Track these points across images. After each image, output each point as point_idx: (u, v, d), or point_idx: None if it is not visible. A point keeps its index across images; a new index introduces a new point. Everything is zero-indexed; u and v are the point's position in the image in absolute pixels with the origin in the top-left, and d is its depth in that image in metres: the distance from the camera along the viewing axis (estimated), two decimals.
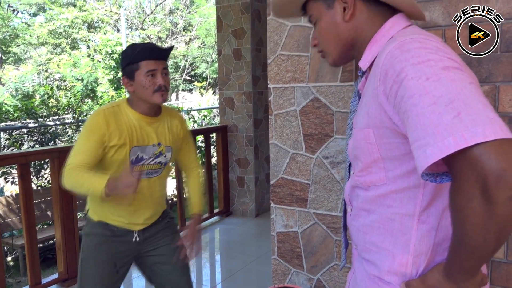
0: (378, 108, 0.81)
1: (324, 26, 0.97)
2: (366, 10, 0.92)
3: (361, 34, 0.93)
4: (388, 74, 0.76)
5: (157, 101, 1.62)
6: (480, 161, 0.63)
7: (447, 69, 0.71)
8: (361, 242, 0.95)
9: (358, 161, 0.92)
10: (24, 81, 10.03)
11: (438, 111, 0.67)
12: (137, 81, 1.59)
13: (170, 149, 1.74)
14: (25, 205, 2.62)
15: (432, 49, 0.74)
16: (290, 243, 1.91)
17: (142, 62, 1.58)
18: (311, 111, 1.76)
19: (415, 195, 0.84)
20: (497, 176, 0.62)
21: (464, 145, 0.63)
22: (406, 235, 0.85)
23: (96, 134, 1.56)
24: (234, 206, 4.58)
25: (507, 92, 1.44)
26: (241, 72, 4.32)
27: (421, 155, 0.68)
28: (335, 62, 1.02)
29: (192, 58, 16.78)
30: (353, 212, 1.00)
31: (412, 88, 0.71)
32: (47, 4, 15.10)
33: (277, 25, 1.78)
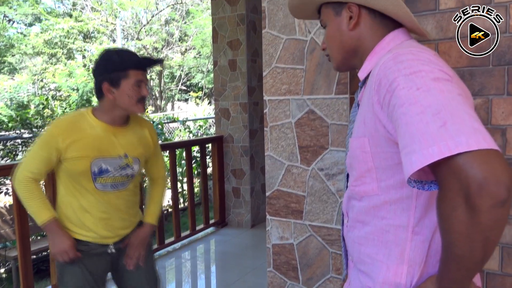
0: (373, 116, 0.83)
1: (330, 32, 1.01)
2: (371, 21, 0.95)
3: (363, 44, 0.96)
4: (382, 83, 0.79)
5: (139, 111, 1.61)
6: (463, 170, 0.64)
7: (437, 80, 0.73)
8: (356, 253, 0.96)
9: (353, 170, 0.94)
10: (19, 91, 9.99)
11: (425, 120, 0.69)
12: (123, 89, 1.54)
13: (138, 161, 1.68)
14: (18, 216, 2.60)
15: (424, 61, 0.76)
16: (286, 255, 1.90)
17: (131, 71, 1.54)
18: (306, 123, 1.77)
19: (408, 206, 0.85)
20: (479, 184, 0.63)
21: (448, 154, 0.65)
22: (400, 246, 0.86)
23: (50, 146, 1.55)
24: (229, 216, 4.56)
25: (499, 105, 1.46)
26: (236, 83, 4.34)
27: (407, 161, 0.70)
28: (338, 67, 1.06)
29: (188, 68, 16.83)
30: (349, 224, 1.01)
31: (402, 97, 0.73)
32: (43, 15, 15.12)
33: (272, 38, 1.80)
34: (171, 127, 8.65)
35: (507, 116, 1.45)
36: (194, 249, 3.98)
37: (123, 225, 1.70)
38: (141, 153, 1.70)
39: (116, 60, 1.54)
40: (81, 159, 1.55)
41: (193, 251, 3.94)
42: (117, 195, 1.65)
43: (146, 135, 1.73)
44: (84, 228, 1.63)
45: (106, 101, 1.59)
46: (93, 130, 1.58)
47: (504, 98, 1.45)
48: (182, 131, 7.70)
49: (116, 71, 1.54)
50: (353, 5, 0.95)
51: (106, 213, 1.63)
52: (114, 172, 1.62)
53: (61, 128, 1.55)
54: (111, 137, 1.61)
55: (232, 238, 4.18)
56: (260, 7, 4.41)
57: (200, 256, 3.86)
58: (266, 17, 1.80)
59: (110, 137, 1.61)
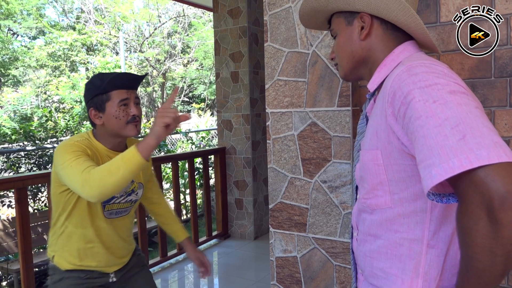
0: (387, 129, 0.82)
1: (341, 41, 1.01)
2: (382, 33, 0.95)
3: (373, 55, 0.96)
4: (396, 95, 0.78)
5: (130, 134, 1.50)
6: (485, 183, 0.64)
7: (454, 93, 0.72)
8: (368, 267, 0.95)
9: (364, 183, 0.93)
10: (23, 104, 10.07)
11: (444, 133, 0.68)
12: (108, 113, 1.46)
13: (142, 186, 1.66)
14: (21, 229, 2.60)
15: (439, 74, 0.76)
16: (290, 268, 1.89)
17: (113, 92, 1.46)
18: (309, 135, 1.77)
19: (422, 219, 0.84)
20: (502, 198, 0.62)
21: (469, 167, 0.64)
22: (415, 260, 0.85)
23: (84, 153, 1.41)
24: (232, 228, 4.54)
25: (502, 117, 1.46)
26: (239, 95, 4.35)
27: (427, 175, 0.69)
28: (345, 76, 1.05)
29: (190, 80, 16.93)
30: (359, 237, 1.00)
31: (419, 110, 0.72)
32: (46, 28, 15.29)
33: (274, 51, 1.81)
34: (174, 138, 8.67)
35: (510, 128, 1.45)
36: None
37: (123, 253, 1.68)
38: (143, 177, 1.68)
39: (97, 84, 1.47)
40: None
41: None
42: (120, 221, 1.62)
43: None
44: (87, 258, 1.57)
45: (99, 128, 1.52)
46: (101, 154, 1.51)
47: (507, 109, 1.45)
48: (184, 143, 7.72)
49: (98, 95, 1.47)
50: (365, 15, 0.95)
51: (110, 241, 1.59)
52: (120, 199, 1.58)
53: (82, 146, 1.44)
54: None
55: (235, 250, 4.16)
56: (262, 20, 4.45)
57: None
58: (268, 30, 1.81)
59: None
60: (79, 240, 1.54)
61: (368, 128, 0.93)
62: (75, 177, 1.31)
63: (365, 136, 0.94)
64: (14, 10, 14.72)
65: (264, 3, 1.81)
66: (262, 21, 4.47)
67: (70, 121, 7.19)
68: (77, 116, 7.42)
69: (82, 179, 1.29)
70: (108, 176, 1.27)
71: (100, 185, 1.27)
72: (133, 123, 1.49)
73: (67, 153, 1.39)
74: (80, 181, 1.30)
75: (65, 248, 1.55)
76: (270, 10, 1.79)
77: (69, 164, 1.35)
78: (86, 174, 1.29)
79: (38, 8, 15.74)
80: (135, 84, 1.52)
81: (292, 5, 1.73)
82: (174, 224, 1.87)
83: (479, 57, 1.47)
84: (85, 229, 1.54)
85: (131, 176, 1.29)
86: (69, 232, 1.54)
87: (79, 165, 1.33)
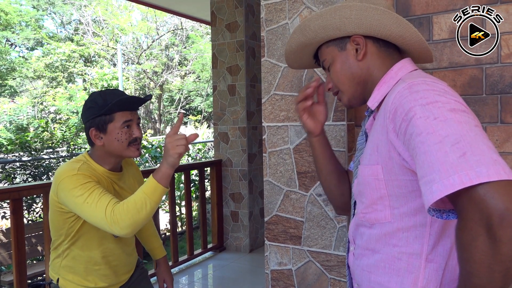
0: (388, 144, 0.84)
1: (338, 67, 1.01)
2: (377, 51, 0.97)
3: (372, 74, 0.97)
4: (398, 112, 0.80)
5: (132, 155, 1.47)
6: (484, 200, 0.65)
7: (454, 111, 0.74)
8: (366, 281, 0.95)
9: (363, 198, 0.94)
10: (19, 114, 10.06)
11: (444, 149, 0.70)
12: (110, 134, 1.43)
13: None
14: (16, 241, 2.59)
15: (440, 91, 0.78)
16: (284, 281, 1.90)
17: (117, 114, 1.42)
18: (304, 149, 1.80)
19: (421, 234, 0.85)
20: (501, 215, 0.63)
21: (469, 184, 0.66)
22: (413, 274, 0.85)
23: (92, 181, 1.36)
24: (228, 241, 4.53)
25: (493, 133, 1.49)
26: (235, 108, 4.39)
27: (427, 190, 0.70)
28: (350, 102, 1.04)
29: (187, 92, 17.00)
30: (356, 251, 1.00)
31: (420, 126, 0.74)
32: (44, 39, 15.36)
33: (271, 66, 1.84)
34: None
35: (501, 144, 1.48)
36: (191, 274, 3.94)
37: (129, 268, 1.68)
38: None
39: (100, 104, 1.42)
40: None
41: (190, 276, 3.90)
42: (124, 240, 1.61)
43: (135, 172, 1.70)
44: (94, 279, 1.54)
45: (98, 148, 1.47)
46: (103, 177, 1.47)
47: (498, 126, 1.48)
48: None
49: (101, 115, 1.42)
50: (358, 36, 0.96)
51: (117, 260, 1.58)
52: None
53: (85, 173, 1.38)
54: (118, 182, 1.53)
55: (230, 263, 4.15)
56: (259, 34, 4.51)
57: (197, 281, 3.81)
58: (265, 46, 1.84)
59: (118, 183, 1.53)
60: (85, 262, 1.51)
61: (368, 144, 0.94)
62: (98, 217, 1.29)
63: (364, 152, 0.95)
64: (13, 20, 14.80)
65: (262, 19, 1.85)
66: (259, 35, 4.53)
67: (67, 132, 7.19)
68: (74, 127, 7.42)
69: (110, 221, 1.28)
70: (137, 214, 1.27)
71: (131, 223, 1.28)
72: (135, 145, 1.47)
73: (75, 188, 1.33)
74: (107, 222, 1.28)
75: (70, 271, 1.52)
76: (267, 26, 1.83)
77: (85, 201, 1.31)
78: (113, 216, 1.27)
79: (37, 19, 15.85)
80: (139, 105, 1.50)
81: (288, 22, 1.77)
82: (154, 241, 1.87)
83: (471, 75, 1.50)
84: (92, 252, 1.50)
85: (157, 206, 1.31)
86: (75, 255, 1.50)
87: (98, 202, 1.30)
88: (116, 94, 1.45)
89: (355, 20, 0.93)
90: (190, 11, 5.46)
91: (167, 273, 1.85)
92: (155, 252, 1.87)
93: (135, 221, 1.28)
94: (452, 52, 1.53)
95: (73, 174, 1.36)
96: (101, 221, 1.30)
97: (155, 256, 1.87)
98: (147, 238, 1.87)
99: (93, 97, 1.45)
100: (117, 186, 1.53)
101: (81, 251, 1.50)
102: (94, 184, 1.35)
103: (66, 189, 1.35)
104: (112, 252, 1.55)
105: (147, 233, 1.87)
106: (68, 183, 1.35)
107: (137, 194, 1.29)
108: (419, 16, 1.58)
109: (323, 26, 0.97)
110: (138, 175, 1.71)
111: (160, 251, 1.87)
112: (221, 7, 4.39)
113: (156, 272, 1.88)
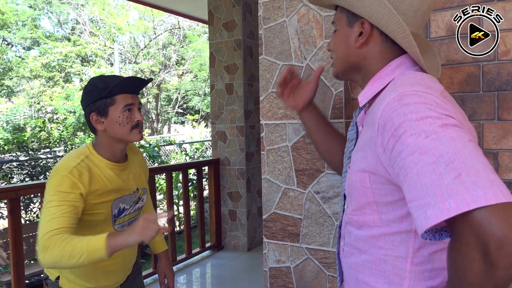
0: (375, 156, 0.81)
1: (338, 39, 0.99)
2: (381, 44, 0.93)
3: (369, 65, 0.94)
4: (386, 126, 0.76)
5: (135, 139, 1.44)
6: (482, 226, 0.62)
7: (446, 126, 0.70)
8: (353, 279, 0.95)
9: (352, 200, 0.93)
10: (16, 114, 10.04)
11: (438, 171, 0.66)
12: (112, 118, 1.39)
13: (145, 191, 1.62)
14: (14, 241, 2.58)
15: (431, 105, 0.74)
16: (283, 278, 1.90)
17: (118, 96, 1.39)
18: (302, 147, 1.80)
19: (407, 238, 0.84)
20: (499, 242, 0.61)
21: (466, 209, 0.63)
22: (399, 276, 0.85)
23: (74, 193, 1.32)
24: (226, 240, 4.53)
25: (490, 130, 1.49)
26: (233, 106, 4.39)
27: (420, 215, 0.68)
28: (337, 76, 1.04)
29: (185, 91, 16.97)
30: (345, 248, 1.00)
31: (411, 145, 0.70)
32: (41, 39, 15.31)
33: (269, 64, 1.84)
34: (168, 149, 8.67)
35: (498, 140, 1.49)
36: (190, 273, 3.94)
37: (130, 266, 1.66)
38: (145, 181, 1.65)
39: (100, 87, 1.38)
40: (102, 206, 1.42)
41: (189, 275, 3.90)
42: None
43: (140, 160, 1.67)
44: (97, 279, 1.51)
45: (101, 134, 1.44)
46: (105, 171, 1.43)
47: (495, 123, 1.49)
48: (178, 154, 7.72)
49: (101, 99, 1.38)
50: (367, 22, 0.92)
51: (121, 256, 1.52)
52: (130, 209, 1.54)
53: (78, 175, 1.35)
54: (121, 174, 1.49)
55: (228, 261, 4.15)
56: (257, 33, 4.51)
57: (196, 280, 3.82)
58: (263, 43, 1.85)
59: (121, 175, 1.49)
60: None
61: (358, 148, 0.92)
62: (40, 231, 1.26)
63: (355, 156, 0.93)
64: (9, 20, 14.74)
65: (259, 17, 1.85)
66: (257, 34, 4.53)
67: (64, 131, 7.18)
68: (71, 126, 7.41)
69: (43, 244, 1.23)
70: (67, 259, 1.20)
71: (54, 262, 1.23)
72: (137, 129, 1.44)
73: (53, 190, 1.31)
74: (39, 243, 1.25)
75: (73, 271, 1.47)
76: (265, 24, 1.83)
77: (47, 207, 1.29)
78: (46, 242, 1.22)
79: (33, 19, 15.79)
80: (139, 88, 1.47)
81: (286, 20, 1.77)
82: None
83: (468, 72, 1.51)
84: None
85: (89, 264, 1.23)
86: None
87: (52, 220, 1.25)
88: (116, 77, 1.41)
89: (368, 7, 0.89)
90: (188, 10, 5.46)
91: (168, 267, 1.82)
92: (156, 245, 1.84)
93: (58, 262, 1.22)
94: (449, 50, 1.53)
95: (64, 174, 1.33)
96: (38, 236, 1.26)
97: (156, 250, 1.84)
98: None
99: (93, 81, 1.42)
100: (120, 179, 1.48)
101: None
102: (69, 200, 1.30)
103: (49, 184, 1.34)
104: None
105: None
106: (53, 180, 1.34)
107: (79, 243, 1.21)
108: None
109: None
110: (143, 163, 1.68)
111: (161, 245, 1.84)
112: (219, 5, 4.39)
113: (157, 267, 1.86)
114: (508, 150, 1.47)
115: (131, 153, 1.62)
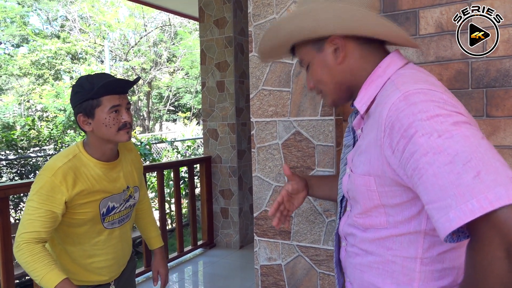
0: (381, 158, 0.79)
1: (317, 69, 0.94)
2: (359, 50, 0.89)
3: (357, 76, 0.91)
4: (395, 128, 0.74)
5: (122, 139, 1.44)
6: (506, 225, 0.61)
7: (458, 124, 0.69)
8: (358, 280, 0.94)
9: (358, 204, 0.91)
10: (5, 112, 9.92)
11: (456, 170, 0.65)
12: (98, 119, 1.39)
13: (137, 189, 1.63)
14: (2, 240, 2.56)
15: (439, 102, 0.72)
16: (274, 276, 1.90)
17: (105, 97, 1.38)
18: (293, 144, 1.80)
19: (416, 239, 0.82)
20: None
21: (490, 209, 0.62)
22: (408, 276, 0.84)
23: (54, 199, 1.34)
24: (218, 237, 4.53)
25: (479, 126, 1.50)
26: (224, 104, 4.38)
27: (442, 217, 0.66)
28: (334, 103, 0.99)
29: (176, 89, 16.90)
30: (348, 248, 0.98)
31: (424, 146, 0.68)
32: (30, 36, 15.13)
33: (259, 62, 1.84)
34: (159, 147, 8.63)
35: (487, 137, 1.50)
36: (182, 271, 3.93)
37: (125, 260, 1.66)
38: (137, 179, 1.65)
39: (87, 88, 1.37)
40: (89, 205, 1.42)
41: (180, 273, 3.89)
42: (122, 228, 1.58)
43: (134, 158, 1.66)
44: (90, 274, 1.52)
45: (89, 134, 1.45)
46: (93, 171, 1.43)
47: (484, 119, 1.50)
48: (170, 152, 7.69)
49: (88, 100, 1.38)
50: (336, 37, 0.88)
51: (113, 252, 1.55)
52: (120, 207, 1.54)
53: (62, 177, 1.35)
54: (111, 173, 1.49)
55: (220, 259, 4.15)
56: (247, 30, 4.50)
57: (188, 278, 3.81)
58: (253, 40, 1.84)
59: (110, 174, 1.48)
60: (79, 257, 1.49)
61: (359, 151, 0.90)
62: (20, 227, 1.35)
63: (356, 159, 0.90)
64: None
65: (249, 14, 1.84)
66: (248, 31, 4.51)
67: (54, 130, 7.11)
68: (61, 125, 7.34)
69: (18, 243, 1.33)
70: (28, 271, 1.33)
71: (18, 260, 1.34)
72: (125, 130, 1.43)
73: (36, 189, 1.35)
74: (17, 239, 1.34)
75: (64, 267, 1.49)
76: (254, 21, 1.82)
77: (29, 205, 1.35)
78: (21, 246, 1.33)
79: (22, 15, 15.59)
80: (127, 88, 1.46)
81: (276, 16, 1.77)
82: (152, 230, 1.84)
83: (457, 69, 1.52)
84: (82, 246, 1.48)
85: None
86: (67, 251, 1.49)
87: (30, 221, 1.34)
88: (103, 78, 1.40)
89: (332, 21, 0.86)
90: (178, 7, 5.42)
91: (162, 264, 1.82)
92: (152, 241, 1.84)
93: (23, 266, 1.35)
94: (438, 47, 1.54)
95: (48, 176, 1.35)
96: (17, 232, 1.35)
97: (152, 245, 1.84)
98: (145, 226, 1.84)
99: (80, 82, 1.41)
100: (108, 178, 1.48)
101: (73, 246, 1.48)
102: (47, 204, 1.34)
103: (34, 183, 1.38)
104: (106, 245, 1.53)
105: (145, 221, 1.84)
106: (38, 180, 1.37)
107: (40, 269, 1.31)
108: (406, 11, 1.58)
109: (298, 27, 0.90)
110: (137, 161, 1.67)
111: (157, 241, 1.84)
112: (209, 3, 4.37)
113: (151, 263, 1.86)
114: (497, 147, 1.49)
115: (124, 150, 1.61)
